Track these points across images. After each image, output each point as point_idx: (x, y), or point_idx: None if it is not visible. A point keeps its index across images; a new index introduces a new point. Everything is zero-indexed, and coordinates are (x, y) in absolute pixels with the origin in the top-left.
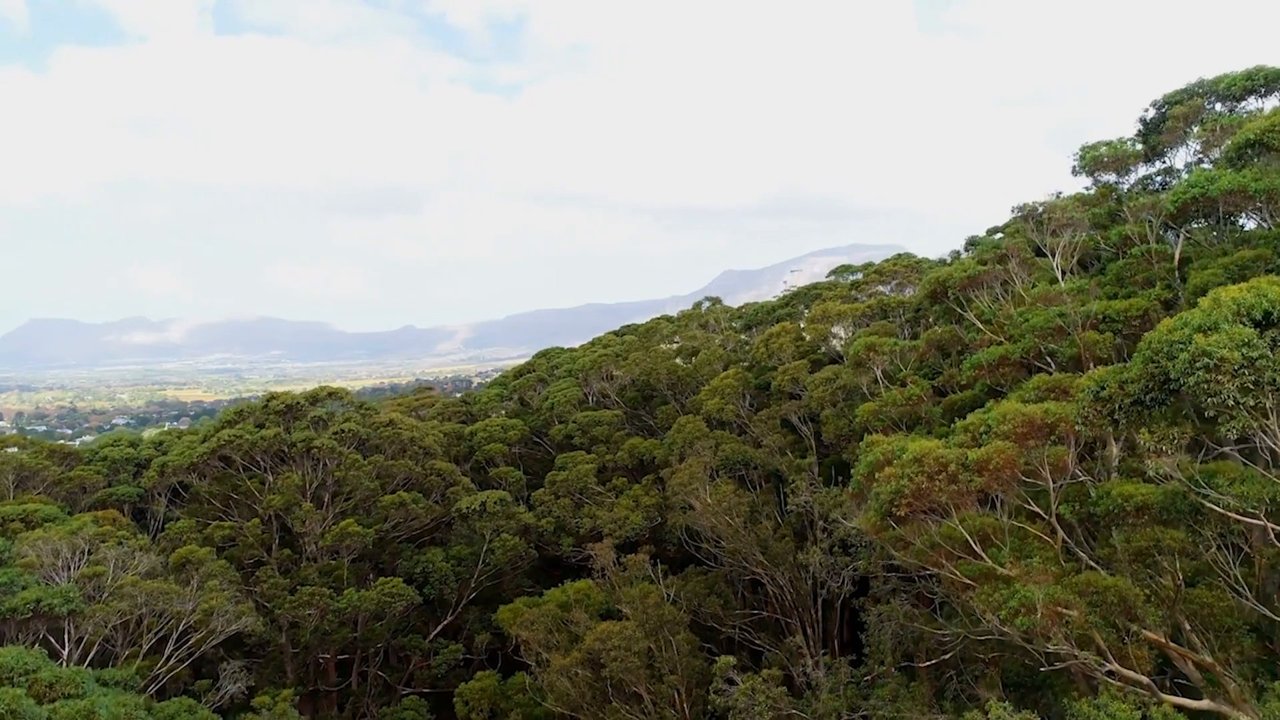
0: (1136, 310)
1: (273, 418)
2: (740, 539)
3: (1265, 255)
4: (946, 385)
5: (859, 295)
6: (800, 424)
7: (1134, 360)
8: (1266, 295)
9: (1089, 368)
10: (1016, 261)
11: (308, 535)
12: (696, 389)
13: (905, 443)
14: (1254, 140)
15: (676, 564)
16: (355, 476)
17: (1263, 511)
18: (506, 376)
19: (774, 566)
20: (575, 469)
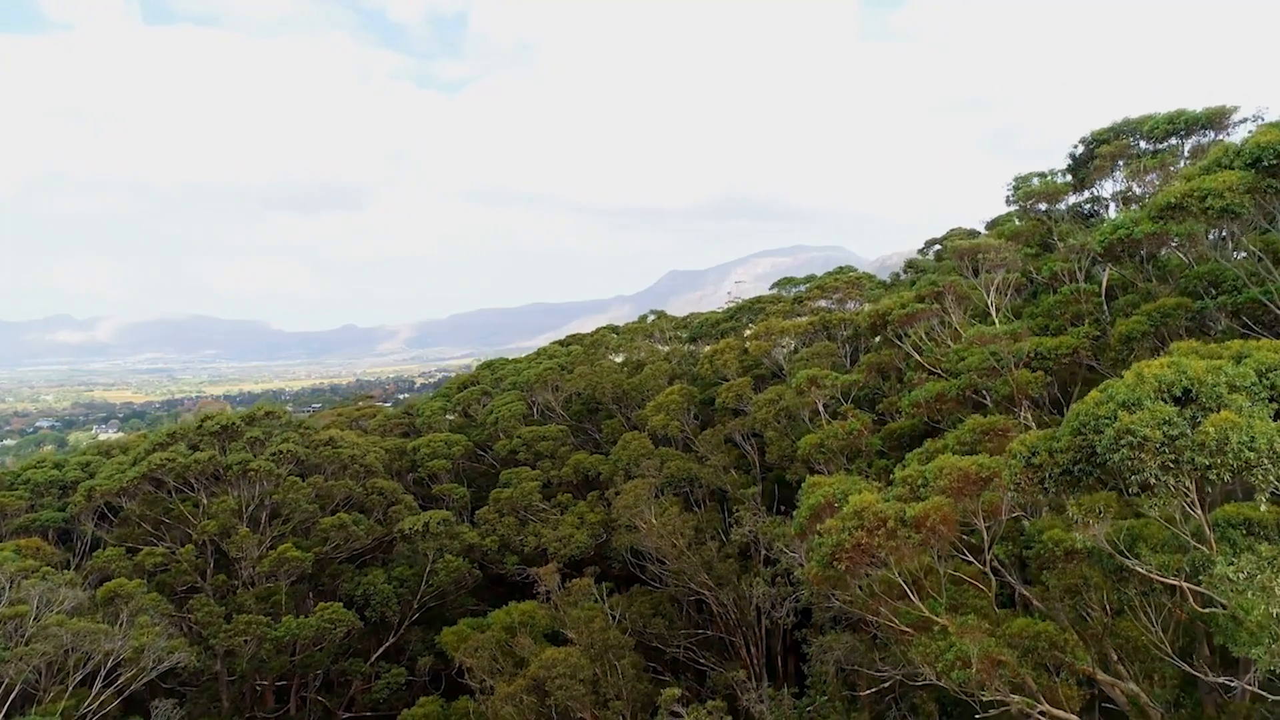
0: (1067, 348)
1: (207, 439)
2: (685, 560)
3: (1186, 304)
4: (887, 411)
5: (801, 311)
6: (744, 441)
7: (1063, 429)
8: (1186, 372)
9: (1022, 405)
10: (952, 298)
11: (244, 560)
12: (642, 402)
13: (847, 485)
14: (1174, 204)
15: (622, 581)
16: (294, 499)
17: (1181, 577)
18: (450, 388)
19: (718, 587)
20: (520, 486)
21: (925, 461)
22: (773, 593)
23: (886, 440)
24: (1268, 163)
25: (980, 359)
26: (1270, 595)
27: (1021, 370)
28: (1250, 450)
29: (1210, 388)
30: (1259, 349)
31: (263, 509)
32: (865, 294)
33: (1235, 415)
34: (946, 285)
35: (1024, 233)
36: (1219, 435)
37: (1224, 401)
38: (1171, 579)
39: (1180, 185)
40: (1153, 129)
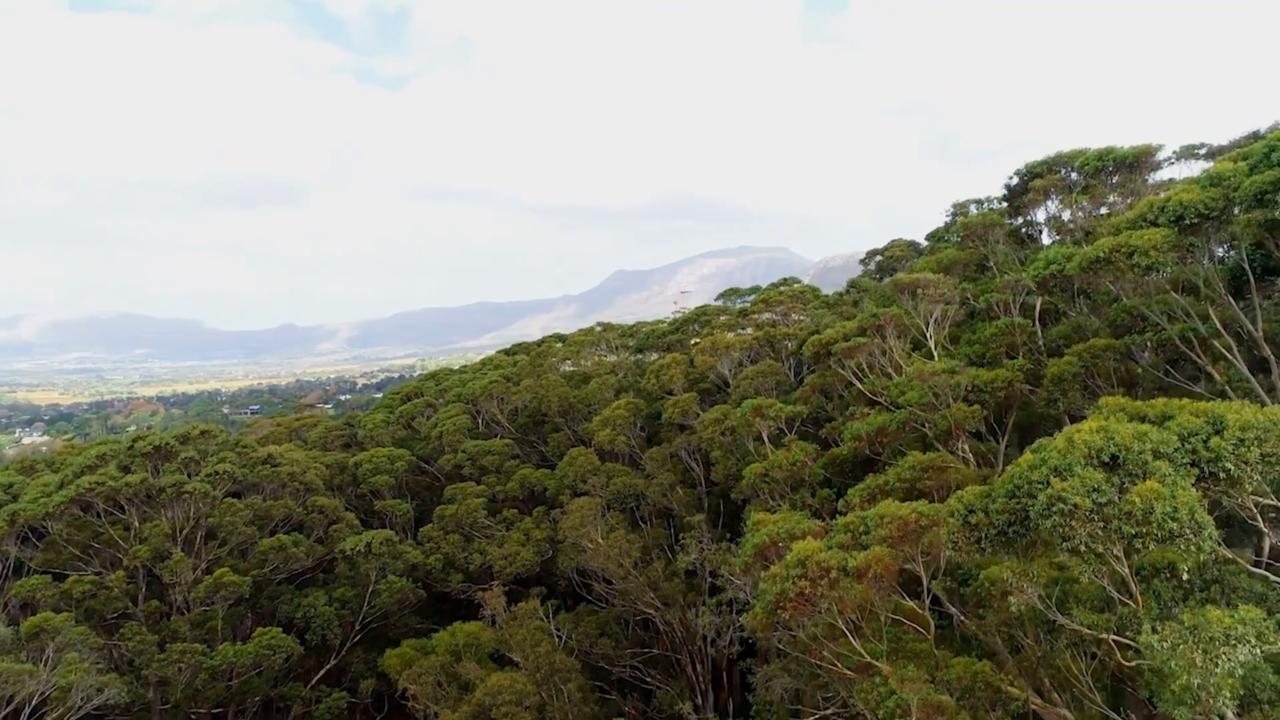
0: (1002, 381)
1: (139, 460)
2: (632, 580)
3: (1114, 345)
4: (830, 436)
5: (746, 325)
6: (690, 459)
7: (998, 489)
8: (1114, 438)
9: (960, 438)
10: (892, 329)
11: (179, 585)
12: (589, 415)
13: (790, 524)
14: (1102, 259)
15: (568, 598)
16: (230, 522)
17: (1109, 634)
18: (393, 399)
19: (665, 607)
20: (464, 503)
21: (867, 500)
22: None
23: (829, 466)
24: (1189, 221)
25: (920, 394)
26: (1193, 666)
27: (959, 405)
28: (1173, 520)
29: (1136, 454)
30: (1182, 410)
31: (198, 529)
32: (809, 310)
33: (1160, 485)
34: (887, 318)
35: (962, 260)
36: (1144, 505)
37: (1149, 469)
38: (1101, 635)
39: (1108, 240)
40: (1084, 164)
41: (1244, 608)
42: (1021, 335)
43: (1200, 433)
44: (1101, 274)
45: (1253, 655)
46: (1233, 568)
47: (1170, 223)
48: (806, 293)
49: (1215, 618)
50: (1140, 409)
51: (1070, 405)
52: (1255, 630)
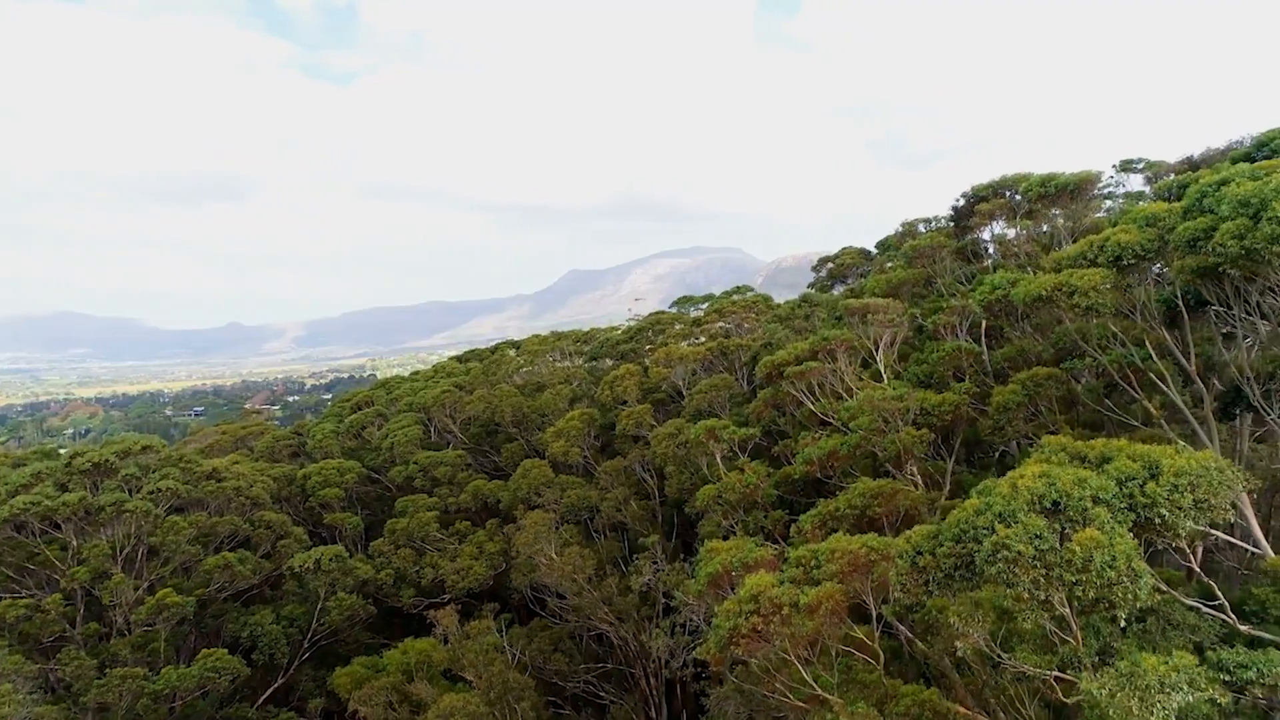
0: (950, 405)
1: (77, 478)
2: (586, 596)
3: (1056, 374)
4: (783, 454)
5: (699, 334)
6: (644, 472)
7: (946, 532)
8: (1055, 484)
9: (909, 461)
10: (843, 351)
11: (119, 606)
12: (543, 425)
13: (743, 552)
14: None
15: (522, 612)
16: (174, 540)
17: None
18: (342, 408)
19: (619, 622)
20: (416, 516)
21: (819, 526)
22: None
23: (782, 485)
24: (1127, 261)
25: (870, 420)
26: (1130, 715)
27: (908, 429)
28: (1111, 569)
29: (1076, 501)
30: (1120, 453)
31: (140, 548)
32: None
33: (1099, 533)
34: (837, 341)
35: (910, 279)
36: (1084, 554)
37: (1089, 515)
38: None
39: (1050, 278)
40: (1028, 190)
41: (1178, 654)
42: (968, 359)
43: (1137, 477)
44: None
45: (1186, 701)
46: (1168, 598)
47: (1109, 262)
48: (759, 302)
49: (1151, 665)
50: (1080, 449)
51: (1015, 433)
52: (1188, 677)
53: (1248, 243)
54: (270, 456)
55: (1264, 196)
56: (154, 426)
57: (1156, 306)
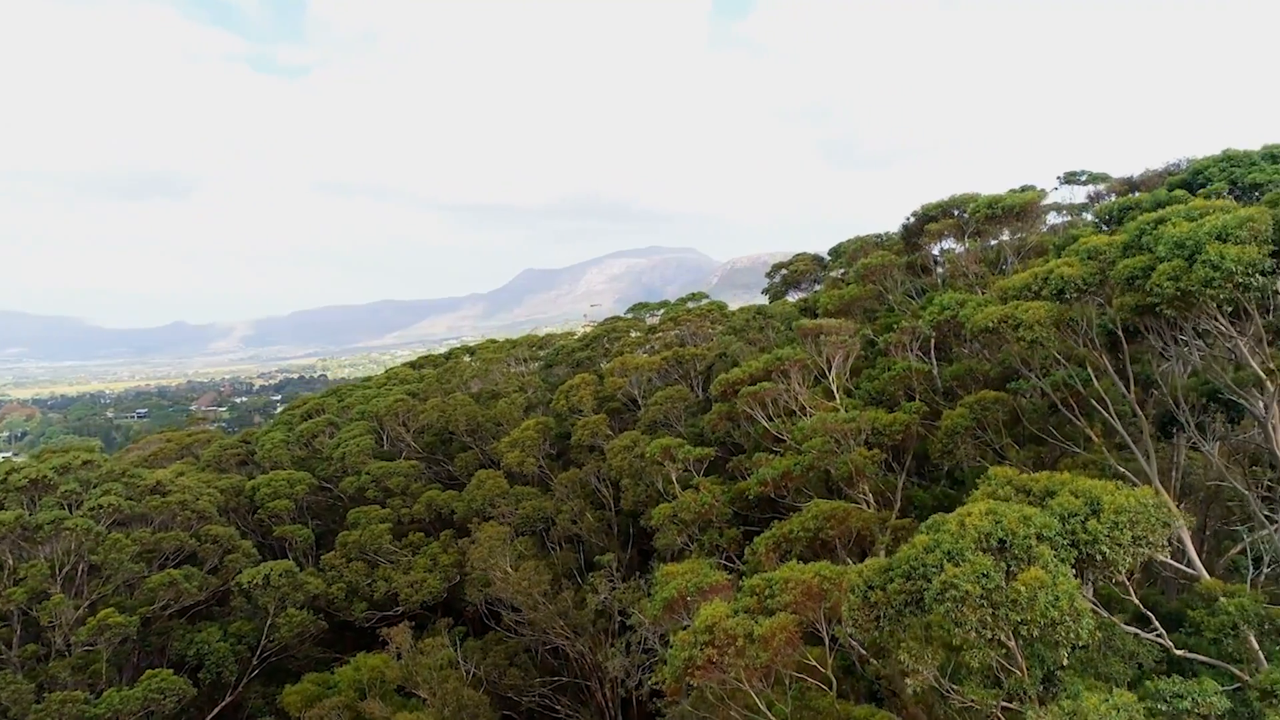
0: (900, 424)
1: (13, 495)
2: (542, 611)
3: (1003, 398)
4: (737, 470)
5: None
6: (600, 484)
7: (897, 566)
8: (1002, 523)
9: (861, 481)
10: (796, 371)
11: (59, 627)
12: (498, 434)
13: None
14: (990, 329)
15: (476, 624)
16: (116, 558)
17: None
18: (293, 417)
19: (575, 636)
20: (368, 528)
21: (773, 549)
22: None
23: (737, 500)
24: (1070, 295)
25: (823, 441)
26: None
27: (860, 450)
28: (1054, 609)
29: (1021, 539)
30: (1063, 488)
31: (81, 566)
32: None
33: (1043, 573)
34: (790, 362)
35: (862, 297)
36: (1029, 594)
37: (1033, 554)
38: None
39: (997, 310)
40: (975, 211)
41: (1118, 693)
42: (918, 378)
43: (1079, 514)
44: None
45: None
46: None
47: (1053, 295)
48: (714, 310)
49: (1092, 705)
50: (1025, 482)
51: (963, 456)
52: (1128, 715)
53: (1182, 284)
54: (217, 466)
55: (1198, 240)
56: (95, 429)
57: (1097, 333)
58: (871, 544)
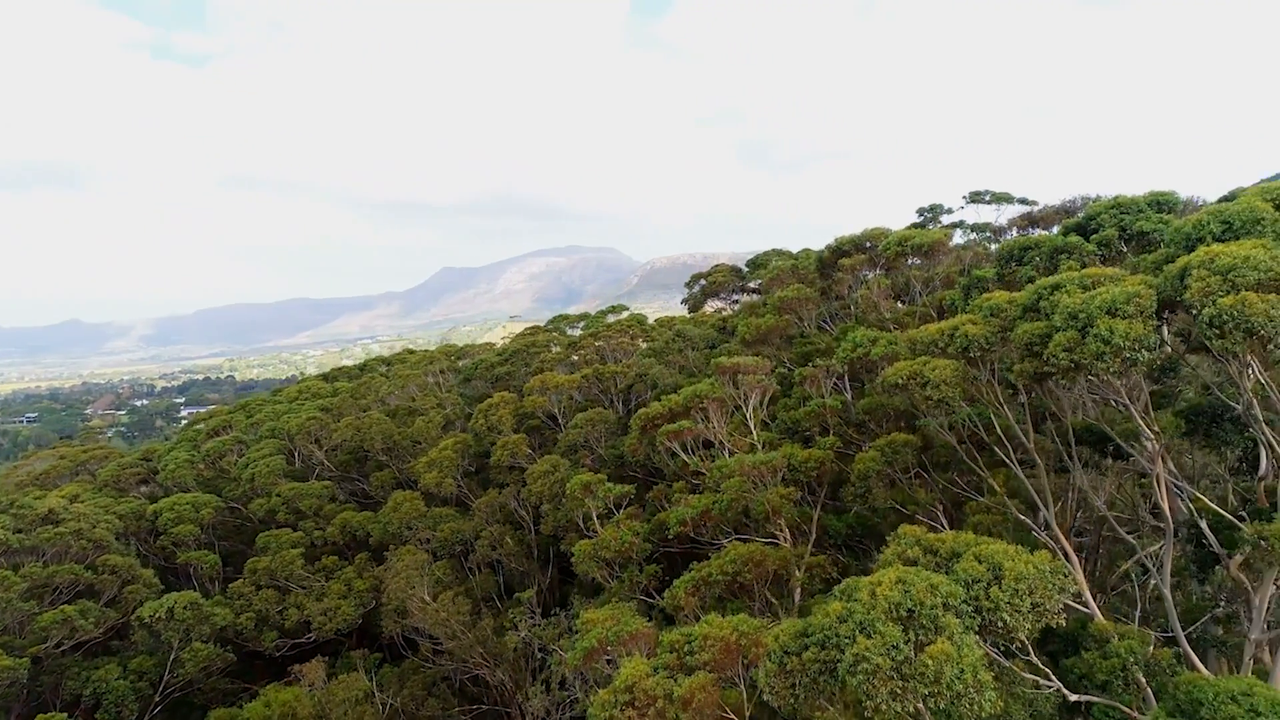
0: (815, 461)
1: None
2: (461, 640)
3: (912, 441)
4: (657, 500)
5: (577, 363)
6: (520, 506)
7: (813, 633)
8: (911, 593)
9: (779, 521)
10: (714, 408)
11: None
12: (415, 453)
13: (619, 625)
14: (899, 384)
15: (394, 649)
16: (3, 598)
17: None
18: (198, 433)
19: (495, 664)
20: (279, 553)
21: (692, 592)
22: (549, 701)
23: (657, 532)
24: (974, 354)
25: (740, 483)
26: None
27: (776, 489)
28: (960, 681)
29: (929, 610)
30: (968, 550)
31: None
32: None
33: (949, 645)
34: (709, 400)
35: (778, 327)
36: (936, 667)
37: (940, 624)
38: None
39: (905, 366)
40: (886, 248)
41: None
42: (832, 414)
43: (982, 580)
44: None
45: None
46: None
47: (958, 352)
48: (634, 326)
49: None
50: (932, 542)
51: (876, 499)
52: None
53: (1076, 356)
54: (116, 486)
55: (1090, 313)
56: None
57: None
58: (788, 582)
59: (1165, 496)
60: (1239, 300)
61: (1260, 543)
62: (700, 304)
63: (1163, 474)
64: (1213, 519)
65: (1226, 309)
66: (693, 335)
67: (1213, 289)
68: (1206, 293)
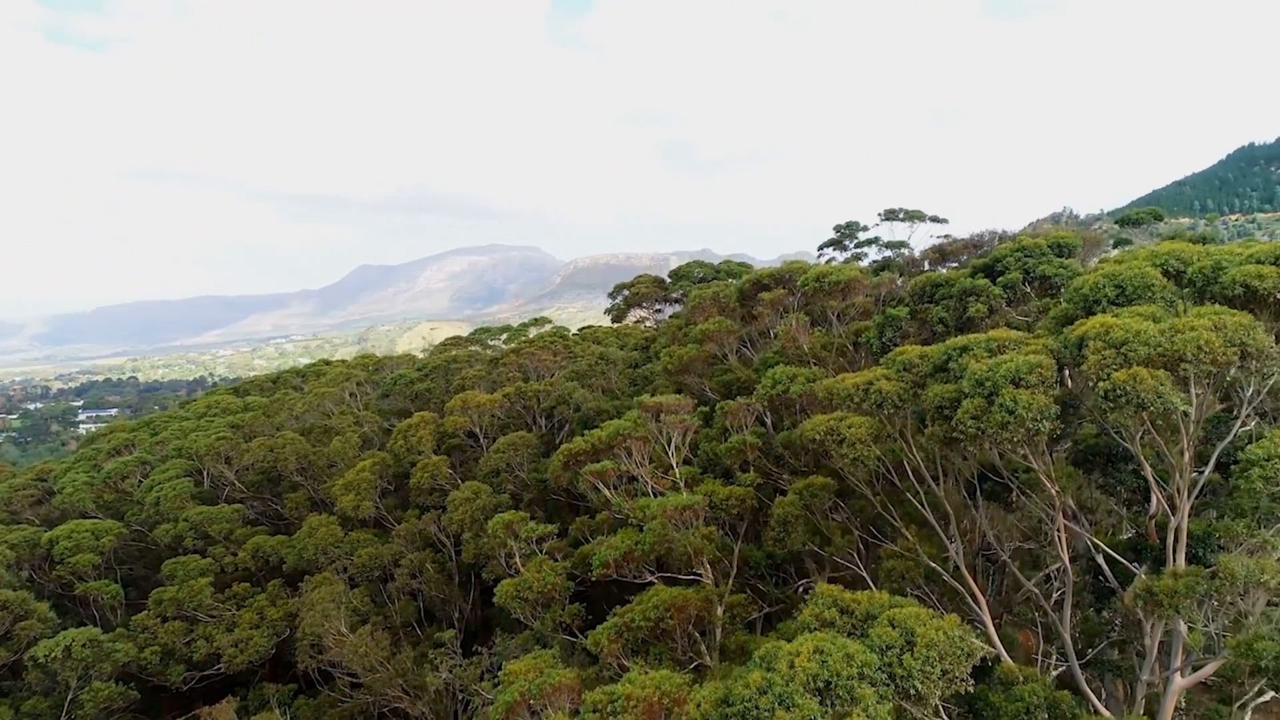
0: (736, 498)
1: None
2: (381, 673)
3: (829, 484)
4: (580, 534)
5: (499, 380)
6: (441, 533)
7: (733, 703)
8: (828, 663)
9: (701, 561)
10: (637, 445)
11: None
12: (331, 473)
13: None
14: (818, 439)
15: (310, 682)
16: None
17: None
18: (97, 451)
19: (416, 696)
20: (187, 583)
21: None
22: None
23: (580, 565)
24: (888, 411)
25: (662, 524)
26: None
27: (698, 529)
28: None
29: (845, 680)
30: (882, 614)
31: None
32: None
33: (864, 717)
34: (632, 438)
35: (701, 357)
36: None
37: (855, 694)
38: None
39: (823, 421)
40: (804, 284)
41: None
42: (752, 451)
43: (895, 646)
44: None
45: None
46: None
47: (873, 408)
48: (556, 341)
49: None
50: (848, 602)
51: (794, 543)
52: None
53: (982, 425)
54: (8, 508)
55: (995, 381)
56: None
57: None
58: (711, 624)
59: (1064, 548)
60: (1131, 375)
61: (1150, 596)
62: (624, 314)
63: (1061, 526)
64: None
65: (1120, 384)
66: (616, 358)
67: (1108, 362)
68: (1102, 365)
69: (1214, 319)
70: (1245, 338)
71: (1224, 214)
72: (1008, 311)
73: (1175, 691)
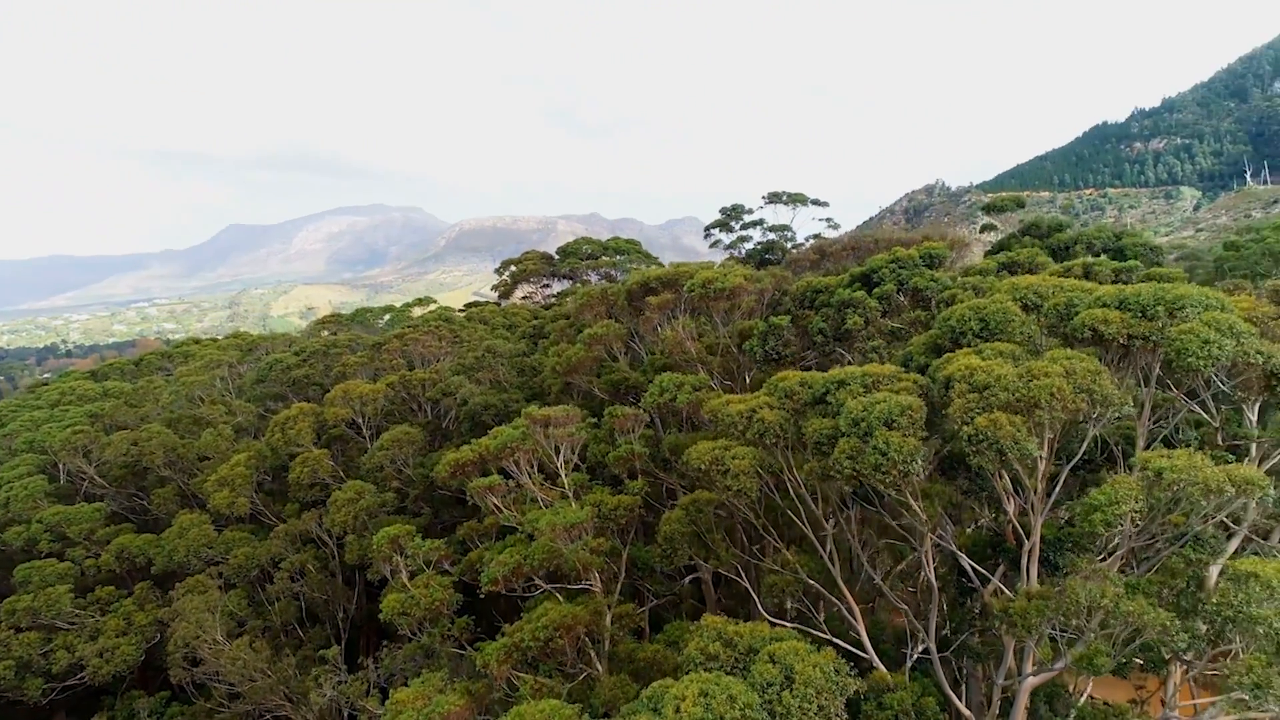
0: (625, 507)
1: None
2: (261, 682)
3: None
4: (468, 539)
5: (383, 366)
6: (322, 531)
7: None
8: (712, 706)
9: (591, 576)
10: (524, 457)
11: None
12: (203, 467)
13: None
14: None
15: (182, 690)
16: None
17: None
18: None
19: (298, 703)
20: (43, 591)
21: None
22: None
23: (468, 572)
24: (770, 441)
25: (551, 539)
26: None
27: (587, 542)
28: None
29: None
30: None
31: None
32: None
33: None
34: (521, 450)
35: (589, 358)
36: None
37: None
38: None
39: (708, 449)
40: (690, 289)
41: None
42: (640, 459)
43: (776, 683)
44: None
45: None
46: None
47: (756, 436)
48: (443, 326)
49: None
50: (731, 635)
51: (681, 559)
52: None
53: (857, 465)
54: None
55: (870, 422)
56: None
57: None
58: (600, 634)
59: (930, 566)
60: (992, 421)
61: (1006, 616)
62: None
63: (929, 550)
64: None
65: (982, 429)
66: (503, 350)
67: (971, 405)
68: (967, 409)
69: (1065, 364)
70: (1092, 384)
71: (1079, 188)
72: (883, 322)
73: (1026, 689)
